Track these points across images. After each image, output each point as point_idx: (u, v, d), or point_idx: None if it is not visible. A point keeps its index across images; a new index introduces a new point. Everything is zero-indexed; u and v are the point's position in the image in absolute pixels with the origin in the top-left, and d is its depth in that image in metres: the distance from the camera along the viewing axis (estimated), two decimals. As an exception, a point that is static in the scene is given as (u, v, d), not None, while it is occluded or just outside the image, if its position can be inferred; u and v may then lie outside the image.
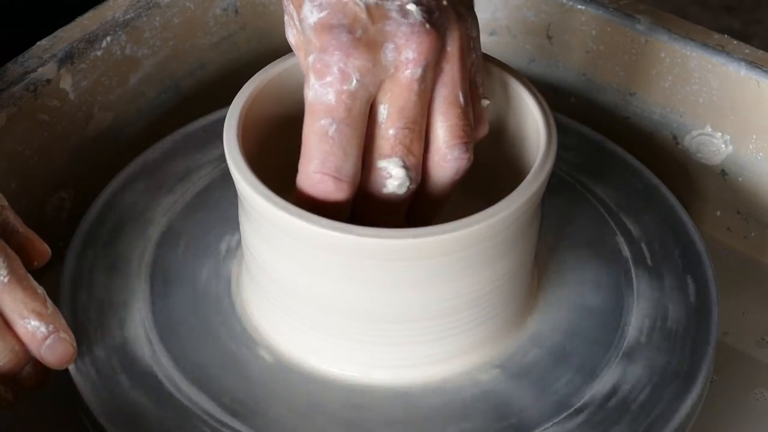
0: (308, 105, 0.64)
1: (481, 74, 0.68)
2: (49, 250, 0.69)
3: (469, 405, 0.69)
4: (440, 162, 0.66)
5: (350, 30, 0.63)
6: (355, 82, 0.63)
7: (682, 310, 0.73)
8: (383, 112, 0.64)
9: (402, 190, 0.66)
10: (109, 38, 0.83)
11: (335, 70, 0.63)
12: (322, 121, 0.63)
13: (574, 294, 0.74)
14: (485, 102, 0.68)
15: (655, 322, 0.72)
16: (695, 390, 0.69)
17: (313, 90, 0.64)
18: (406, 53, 0.63)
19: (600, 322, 0.73)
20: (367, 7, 0.63)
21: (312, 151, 0.64)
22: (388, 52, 0.63)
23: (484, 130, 0.69)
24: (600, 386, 0.69)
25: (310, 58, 0.64)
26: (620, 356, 0.71)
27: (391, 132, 0.64)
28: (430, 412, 0.69)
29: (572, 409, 0.68)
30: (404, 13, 0.63)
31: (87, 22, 0.83)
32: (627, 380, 0.70)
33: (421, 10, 0.63)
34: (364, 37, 0.63)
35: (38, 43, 0.81)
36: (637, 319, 0.73)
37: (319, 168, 0.64)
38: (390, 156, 0.65)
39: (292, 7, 0.66)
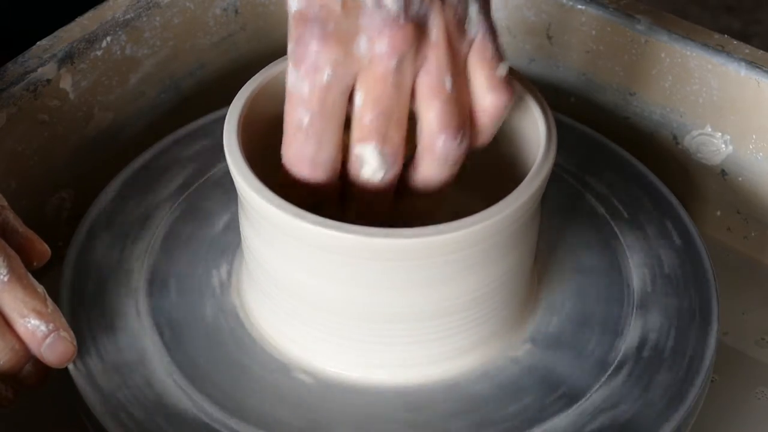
0: (287, 92, 0.65)
1: (489, 46, 0.66)
2: (48, 250, 0.69)
3: (469, 404, 0.69)
4: (427, 151, 0.66)
5: (323, 23, 0.63)
6: (327, 74, 0.64)
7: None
8: (359, 99, 0.65)
9: (377, 177, 0.66)
10: (109, 38, 0.83)
11: (309, 62, 0.64)
12: (298, 112, 0.65)
13: (575, 295, 0.74)
14: (501, 70, 0.67)
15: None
16: (714, 325, 0.72)
17: (291, 77, 0.65)
18: (378, 46, 0.63)
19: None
20: (343, 0, 0.63)
21: (289, 138, 0.66)
22: (362, 45, 0.64)
23: (505, 99, 0.67)
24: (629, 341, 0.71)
25: (290, 46, 0.65)
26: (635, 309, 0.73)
27: (366, 119, 0.65)
28: (429, 412, 0.69)
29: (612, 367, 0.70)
30: (379, 4, 0.63)
31: (87, 22, 0.83)
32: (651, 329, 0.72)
33: (398, 1, 0.63)
34: (336, 31, 0.63)
35: (38, 43, 0.81)
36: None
37: (295, 156, 0.66)
38: (364, 141, 0.65)
39: None
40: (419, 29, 0.64)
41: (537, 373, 0.70)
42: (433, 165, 0.66)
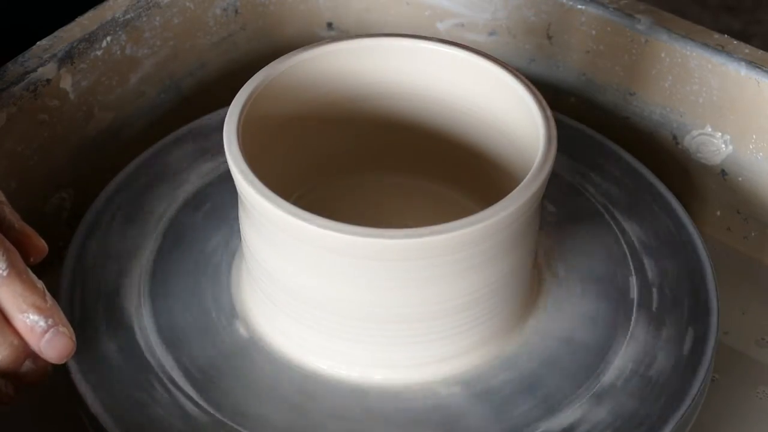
0: None
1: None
2: (45, 246, 0.69)
3: (470, 404, 0.69)
4: None
5: None
6: None
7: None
8: None
9: None
10: (109, 38, 0.83)
11: None
12: None
13: (574, 294, 0.74)
14: None
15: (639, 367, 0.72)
16: (714, 326, 0.71)
17: None
18: None
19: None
20: None
21: None
22: None
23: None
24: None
25: None
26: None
27: None
28: (429, 412, 0.69)
29: None
30: None
31: (87, 22, 0.83)
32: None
33: None
34: None
35: (38, 43, 0.81)
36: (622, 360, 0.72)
37: None
38: None
39: None
40: None
41: (531, 378, 0.70)
42: None
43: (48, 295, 0.66)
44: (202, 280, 0.75)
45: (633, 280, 0.75)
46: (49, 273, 0.71)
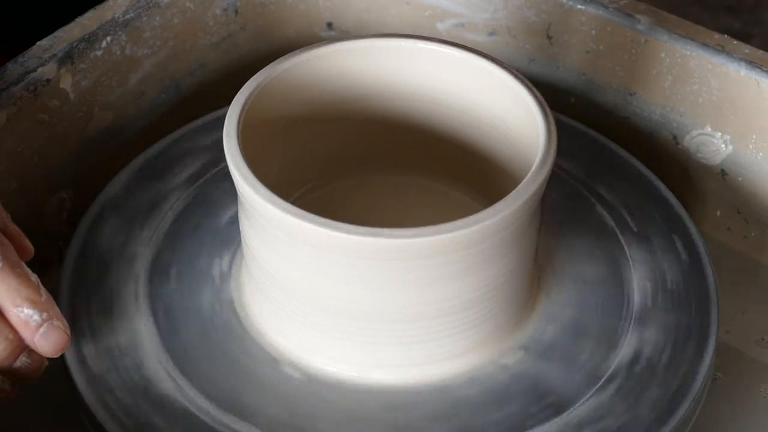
0: None
1: None
2: (32, 247, 0.68)
3: (468, 405, 0.69)
4: None
5: None
6: None
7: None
8: None
9: None
10: (109, 38, 0.83)
11: None
12: None
13: (575, 293, 0.74)
14: None
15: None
16: (711, 345, 0.71)
17: None
18: None
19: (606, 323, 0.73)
20: None
21: None
22: None
23: None
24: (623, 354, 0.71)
25: None
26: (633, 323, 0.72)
27: None
28: (428, 412, 0.69)
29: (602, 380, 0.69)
30: None
31: (87, 22, 0.83)
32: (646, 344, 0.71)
33: None
34: None
35: (38, 43, 0.81)
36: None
37: None
38: None
39: None
40: None
41: (526, 380, 0.70)
42: None
43: (42, 289, 0.66)
44: (202, 279, 0.75)
45: (633, 282, 0.75)
46: (49, 272, 0.71)
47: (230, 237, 0.77)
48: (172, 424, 0.67)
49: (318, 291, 0.68)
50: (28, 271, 0.66)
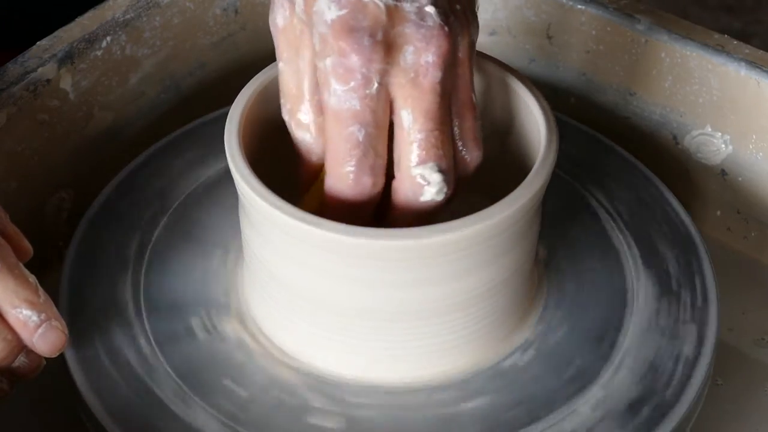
0: (332, 111, 0.63)
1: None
2: (30, 248, 0.69)
3: (468, 405, 0.69)
4: (461, 163, 0.66)
5: (372, 33, 0.62)
6: (376, 85, 0.62)
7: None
8: (407, 117, 0.64)
9: (440, 197, 0.65)
10: (109, 38, 0.83)
11: (358, 75, 0.62)
12: (351, 128, 0.63)
13: (575, 293, 0.74)
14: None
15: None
16: (711, 345, 0.71)
17: (335, 96, 0.63)
18: (425, 56, 0.63)
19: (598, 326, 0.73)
20: (387, 9, 0.62)
21: (344, 155, 0.64)
22: (408, 56, 0.63)
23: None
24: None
25: (328, 61, 0.63)
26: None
27: (420, 136, 0.63)
28: (427, 412, 0.69)
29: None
30: (422, 15, 0.62)
31: (87, 22, 0.83)
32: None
33: (439, 12, 0.62)
34: (384, 40, 0.62)
35: (38, 43, 0.81)
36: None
37: (355, 169, 0.64)
38: (425, 161, 0.64)
39: None
40: (456, 44, 0.63)
41: (526, 380, 0.70)
42: (465, 176, 0.67)
43: (40, 290, 0.66)
44: (202, 278, 0.75)
45: (633, 282, 0.75)
46: (49, 272, 0.71)
47: (230, 236, 0.77)
48: (172, 424, 0.67)
49: (318, 290, 0.67)
50: (27, 272, 0.66)
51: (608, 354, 0.71)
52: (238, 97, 0.70)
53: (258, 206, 0.66)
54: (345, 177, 0.64)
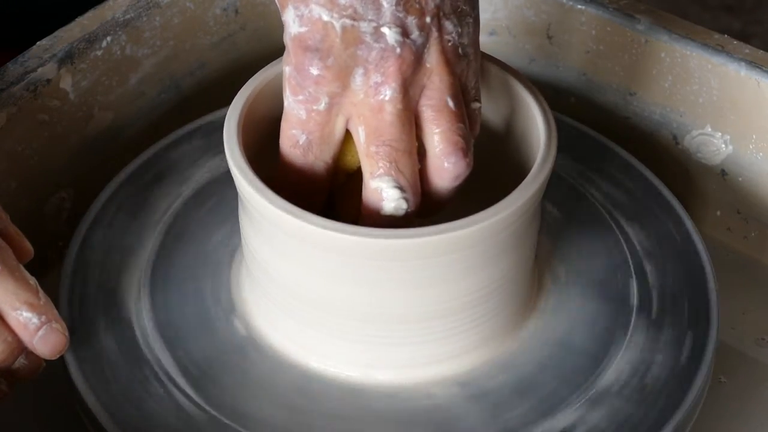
0: (285, 110, 0.67)
1: (473, 77, 0.67)
2: (31, 248, 0.69)
3: (468, 405, 0.69)
4: (437, 170, 0.66)
5: (323, 56, 0.64)
6: (324, 103, 0.65)
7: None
8: (361, 134, 0.65)
9: (400, 213, 0.66)
10: (109, 38, 0.83)
11: (307, 93, 0.65)
12: (294, 131, 0.66)
13: (575, 293, 0.74)
14: (476, 105, 0.68)
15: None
16: (711, 345, 0.71)
17: (287, 101, 0.66)
18: (374, 77, 0.64)
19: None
20: (343, 31, 0.63)
21: (285, 150, 0.67)
22: (357, 77, 0.64)
23: (475, 132, 0.69)
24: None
25: (287, 69, 0.66)
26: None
27: (372, 149, 0.65)
28: (427, 412, 0.69)
29: None
30: (378, 36, 0.63)
31: (87, 22, 0.83)
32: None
33: (396, 32, 0.63)
34: (335, 65, 0.64)
35: (38, 43, 0.81)
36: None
37: (298, 163, 0.67)
38: (378, 175, 0.65)
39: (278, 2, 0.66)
40: (417, 59, 0.64)
41: (527, 381, 0.70)
42: (444, 183, 0.67)
43: (41, 292, 0.66)
44: (202, 278, 0.75)
45: (633, 283, 0.75)
46: (49, 272, 0.71)
47: (231, 235, 0.77)
48: (171, 424, 0.67)
49: (318, 290, 0.67)
50: (27, 274, 0.66)
51: (608, 354, 0.71)
52: (237, 95, 0.70)
53: (258, 205, 0.66)
54: (290, 163, 0.67)
